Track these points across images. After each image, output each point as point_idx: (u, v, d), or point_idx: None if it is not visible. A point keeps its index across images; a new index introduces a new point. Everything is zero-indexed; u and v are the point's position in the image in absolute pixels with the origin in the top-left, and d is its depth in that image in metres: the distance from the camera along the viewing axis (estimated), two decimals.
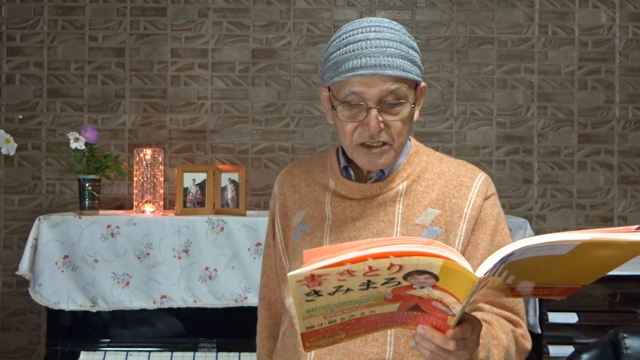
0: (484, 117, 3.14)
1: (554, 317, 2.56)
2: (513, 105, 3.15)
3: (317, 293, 0.91)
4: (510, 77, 3.15)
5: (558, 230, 2.39)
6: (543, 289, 1.03)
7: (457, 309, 0.94)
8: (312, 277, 0.88)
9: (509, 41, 3.15)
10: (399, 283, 0.92)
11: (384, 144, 1.28)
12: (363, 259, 0.87)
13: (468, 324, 1.02)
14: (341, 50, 1.26)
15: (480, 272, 0.89)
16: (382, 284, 0.92)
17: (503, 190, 3.09)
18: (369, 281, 0.91)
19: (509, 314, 1.30)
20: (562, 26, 3.15)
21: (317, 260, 0.88)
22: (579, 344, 2.54)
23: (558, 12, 3.15)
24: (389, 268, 0.89)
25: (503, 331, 1.24)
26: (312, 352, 1.28)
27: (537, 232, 2.98)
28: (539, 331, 2.53)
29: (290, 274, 0.88)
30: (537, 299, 2.54)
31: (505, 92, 3.14)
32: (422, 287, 0.93)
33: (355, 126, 1.27)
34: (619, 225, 3.11)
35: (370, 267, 0.88)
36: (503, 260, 0.91)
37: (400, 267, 0.89)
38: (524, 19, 3.15)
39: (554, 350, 2.55)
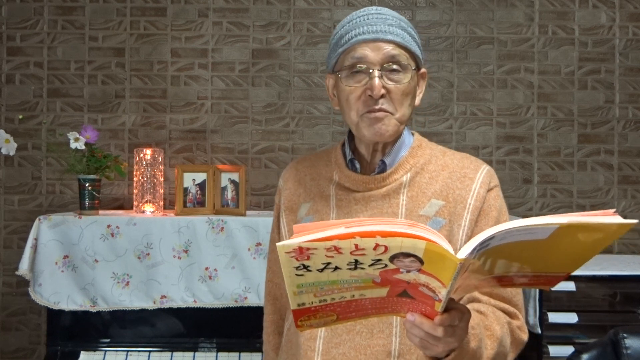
0: (484, 117, 3.14)
1: (554, 317, 2.56)
2: (513, 105, 3.15)
3: (306, 267, 0.94)
4: (510, 77, 3.15)
5: None
6: (528, 277, 1.05)
7: (442, 293, 0.96)
8: (300, 250, 0.90)
9: (509, 41, 3.14)
10: (386, 265, 0.94)
11: (387, 112, 1.32)
12: (350, 236, 0.89)
13: (456, 311, 1.05)
14: (344, 27, 1.34)
15: (462, 254, 0.92)
16: (370, 265, 0.94)
17: (503, 190, 3.07)
18: (356, 260, 0.93)
19: (506, 306, 1.31)
20: (562, 26, 3.15)
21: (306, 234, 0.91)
22: (579, 344, 2.54)
23: (558, 12, 3.15)
24: (374, 248, 0.91)
25: (498, 322, 1.25)
26: (319, 344, 1.30)
27: None
28: (539, 331, 2.53)
29: (278, 244, 0.90)
30: (537, 300, 2.54)
31: (505, 92, 3.14)
32: (408, 271, 0.95)
33: (360, 94, 1.30)
34: None
35: (356, 246, 0.90)
36: (484, 243, 0.93)
37: (386, 248, 0.91)
38: (524, 19, 3.15)
39: (554, 350, 2.55)
